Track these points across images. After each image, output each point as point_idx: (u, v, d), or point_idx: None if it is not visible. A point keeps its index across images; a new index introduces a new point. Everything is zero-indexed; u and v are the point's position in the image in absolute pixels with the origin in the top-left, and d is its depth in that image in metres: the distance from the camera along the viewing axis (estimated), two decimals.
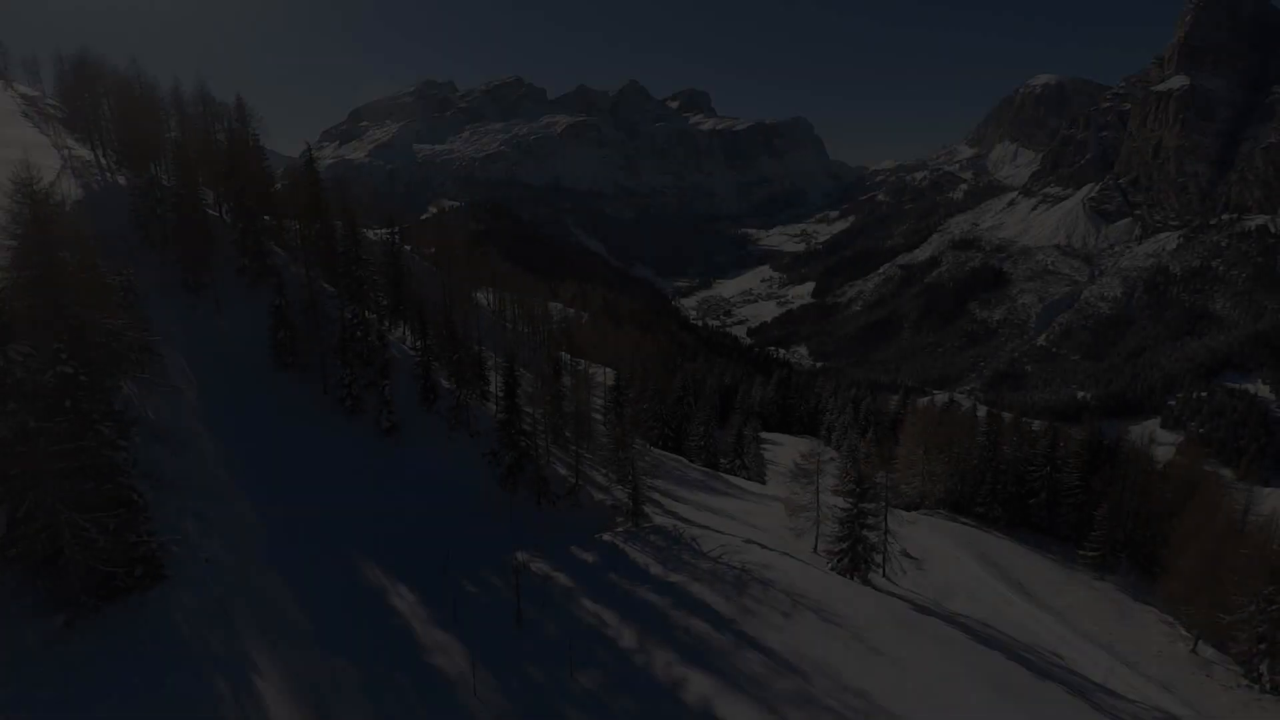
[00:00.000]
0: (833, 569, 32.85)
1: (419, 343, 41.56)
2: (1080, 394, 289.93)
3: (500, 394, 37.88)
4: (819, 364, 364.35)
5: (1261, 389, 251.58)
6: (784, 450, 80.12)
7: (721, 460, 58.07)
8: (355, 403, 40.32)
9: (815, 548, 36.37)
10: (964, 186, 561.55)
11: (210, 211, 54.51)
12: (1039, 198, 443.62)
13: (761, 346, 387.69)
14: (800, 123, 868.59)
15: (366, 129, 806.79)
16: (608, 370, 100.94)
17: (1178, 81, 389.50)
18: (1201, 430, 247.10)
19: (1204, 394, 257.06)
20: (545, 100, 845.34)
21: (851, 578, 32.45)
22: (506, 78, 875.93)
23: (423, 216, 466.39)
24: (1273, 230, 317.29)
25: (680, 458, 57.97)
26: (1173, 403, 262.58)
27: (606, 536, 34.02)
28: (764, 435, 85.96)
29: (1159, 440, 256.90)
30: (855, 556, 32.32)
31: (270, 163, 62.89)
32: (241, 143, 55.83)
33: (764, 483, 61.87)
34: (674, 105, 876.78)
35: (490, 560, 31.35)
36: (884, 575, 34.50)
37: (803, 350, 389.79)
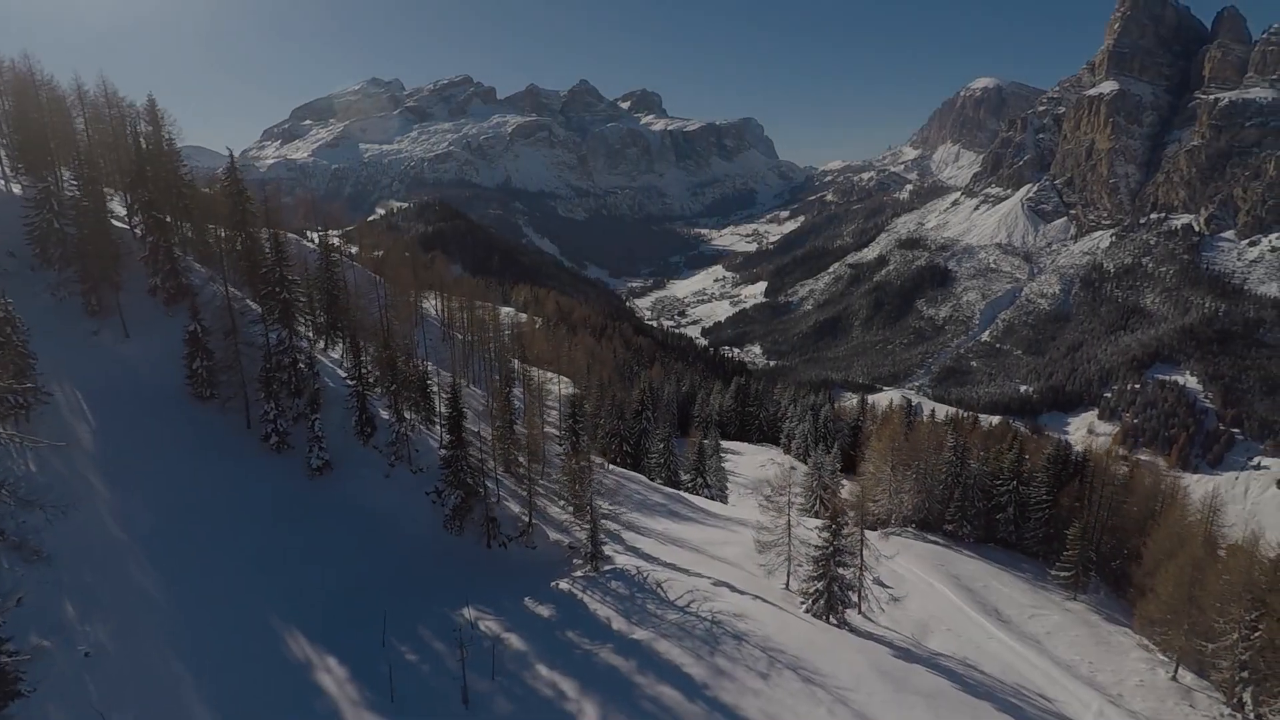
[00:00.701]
0: (808, 611, 30.74)
1: (354, 369, 37.66)
2: (1023, 388, 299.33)
3: (445, 421, 34.55)
4: (773, 362, 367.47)
5: (1189, 380, 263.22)
6: (744, 460, 78.56)
7: (683, 478, 55.81)
8: (282, 439, 36.37)
9: (787, 584, 34.25)
10: (909, 187, 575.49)
11: (119, 224, 49.35)
12: (981, 198, 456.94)
13: (716, 346, 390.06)
14: (750, 124, 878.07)
15: (310, 128, 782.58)
16: (562, 379, 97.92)
17: (1107, 86, 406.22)
18: (1135, 420, 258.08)
19: (1137, 386, 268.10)
20: (495, 100, 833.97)
21: (828, 620, 30.41)
22: (455, 77, 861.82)
23: (370, 218, 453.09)
24: (1196, 229, 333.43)
25: (641, 476, 55.48)
26: (1109, 395, 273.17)
27: (564, 584, 31.14)
28: (724, 445, 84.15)
29: (1096, 431, 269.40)
30: (831, 597, 30.28)
31: (203, 166, 57.75)
32: (154, 146, 50.68)
33: (726, 499, 59.90)
34: (625, 106, 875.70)
35: (434, 617, 28.18)
36: (861, 613, 32.63)
37: (756, 349, 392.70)
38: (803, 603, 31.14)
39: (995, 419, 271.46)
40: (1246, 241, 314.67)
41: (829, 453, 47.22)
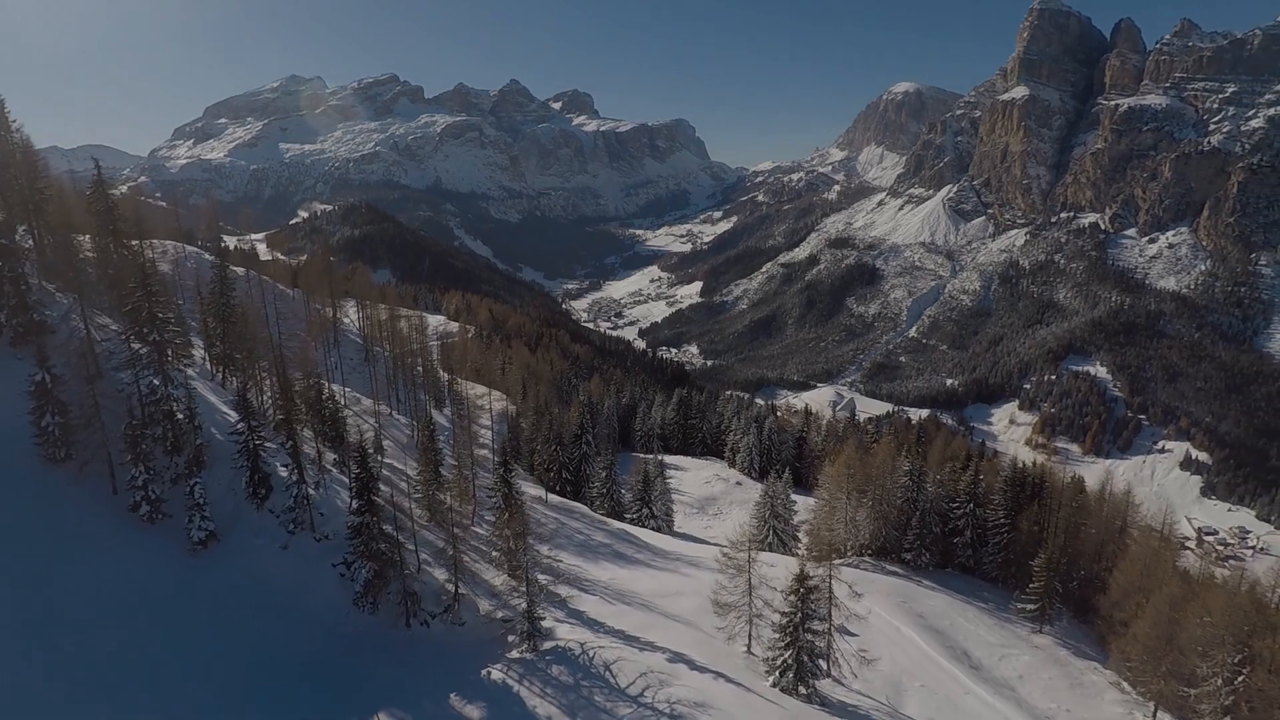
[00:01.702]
0: (775, 685, 27.50)
1: (244, 418, 32.08)
2: (949, 381, 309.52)
3: (354, 483, 29.67)
4: (710, 362, 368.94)
5: (1100, 370, 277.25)
6: (688, 476, 75.52)
7: (627, 508, 52.06)
8: (156, 508, 30.62)
9: (749, 647, 30.94)
10: (837, 188, 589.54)
11: None
12: (905, 198, 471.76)
13: (654, 348, 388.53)
14: (682, 125, 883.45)
15: (226, 126, 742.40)
16: (495, 395, 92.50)
17: (1019, 91, 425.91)
18: (1053, 410, 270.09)
19: (1053, 377, 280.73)
20: (423, 99, 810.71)
21: (798, 693, 27.25)
22: (380, 75, 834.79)
23: (293, 221, 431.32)
24: (1102, 227, 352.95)
25: (582, 507, 51.50)
26: (1028, 386, 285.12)
27: (496, 673, 26.80)
28: (667, 461, 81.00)
29: (1018, 421, 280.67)
30: (800, 667, 27.13)
31: (108, 166, 50.08)
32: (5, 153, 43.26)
33: (672, 523, 56.47)
34: (557, 106, 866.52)
35: None
36: (832, 677, 29.70)
37: (694, 349, 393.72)
38: (769, 673, 27.92)
39: (924, 413, 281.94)
40: (1146, 239, 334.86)
41: (780, 477, 44.53)
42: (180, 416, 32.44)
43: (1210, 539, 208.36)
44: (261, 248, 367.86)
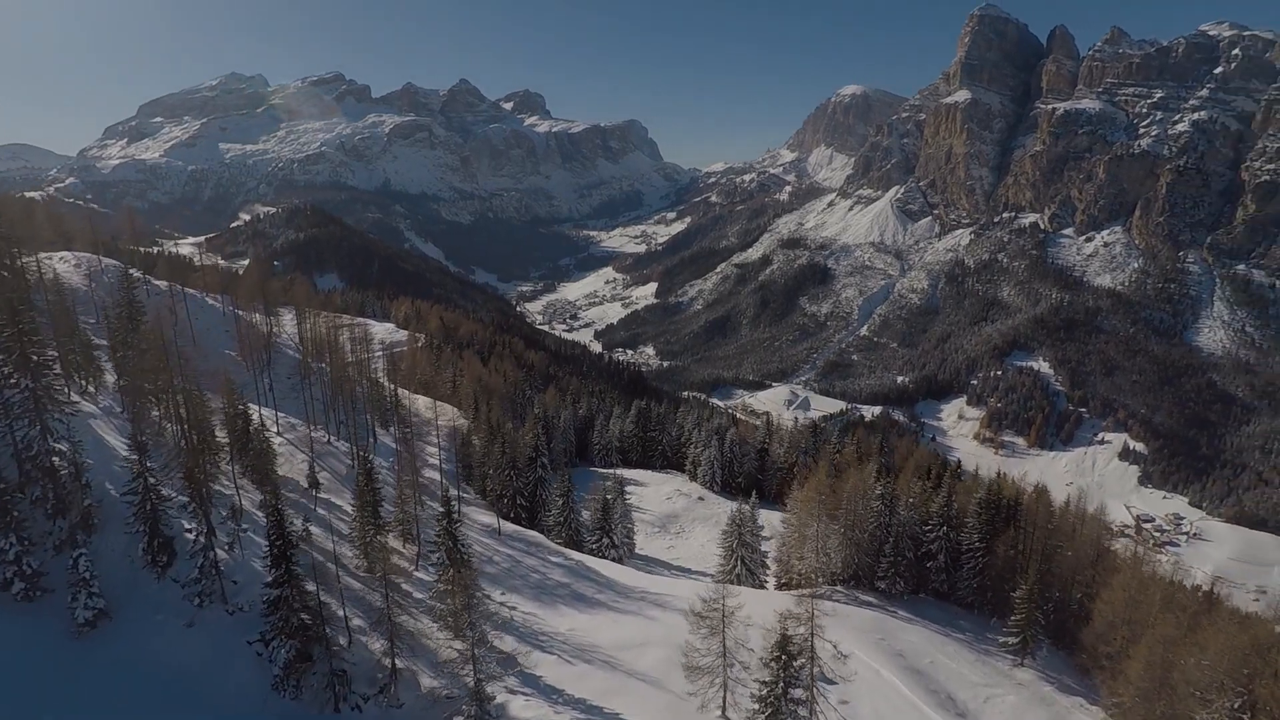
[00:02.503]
0: None
1: (140, 473, 27.62)
2: (900, 379, 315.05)
3: (270, 549, 25.68)
4: (666, 363, 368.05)
5: (1043, 365, 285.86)
6: (649, 492, 72.76)
7: (586, 537, 48.77)
8: (33, 584, 26.10)
9: (724, 712, 28.17)
10: (788, 188, 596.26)
11: None
12: (854, 199, 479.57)
13: (610, 349, 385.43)
14: (635, 126, 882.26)
15: (162, 125, 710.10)
16: (444, 407, 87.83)
17: (961, 95, 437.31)
18: (999, 405, 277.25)
19: (999, 372, 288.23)
20: (370, 99, 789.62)
21: None
22: (325, 74, 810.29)
23: (233, 224, 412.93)
24: (1042, 227, 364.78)
25: (538, 536, 48.08)
26: (975, 382, 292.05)
27: None
28: (626, 476, 78.10)
29: (966, 416, 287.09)
30: None
31: (32, 166, 44.05)
32: None
33: (634, 548, 53.50)
34: (508, 106, 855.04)
35: None
36: None
37: (650, 350, 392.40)
38: None
39: (877, 410, 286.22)
40: (1084, 238, 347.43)
41: (747, 501, 42.06)
42: (64, 472, 27.88)
43: (1148, 526, 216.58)
44: (200, 252, 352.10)
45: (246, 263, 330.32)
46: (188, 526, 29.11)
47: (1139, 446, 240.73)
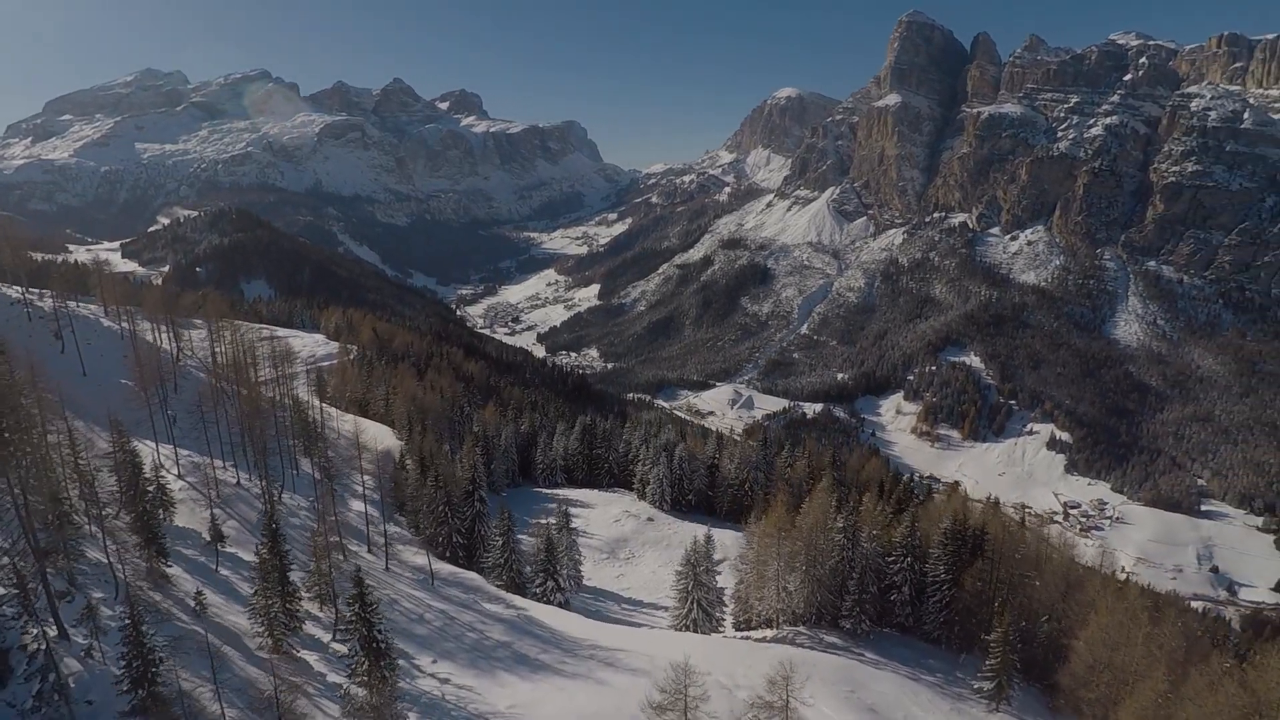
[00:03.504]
0: None
1: None
2: (840, 376, 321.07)
3: (129, 666, 20.78)
4: (610, 365, 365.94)
5: (974, 360, 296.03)
6: (596, 514, 70.10)
7: (529, 579, 45.13)
8: None
9: None
10: (728, 189, 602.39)
11: None
12: (792, 199, 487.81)
13: (554, 352, 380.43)
14: (574, 126, 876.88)
15: (71, 124, 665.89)
16: (376, 430, 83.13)
17: (891, 99, 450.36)
18: (935, 399, 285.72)
19: (933, 368, 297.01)
20: (298, 97, 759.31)
21: None
22: (250, 71, 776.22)
23: (151, 228, 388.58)
24: (970, 226, 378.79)
25: (477, 579, 44.93)
26: (911, 377, 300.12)
27: None
28: (571, 497, 75.41)
29: (904, 411, 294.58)
30: None
31: None
32: None
33: (580, 580, 50.79)
34: (444, 106, 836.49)
35: None
36: None
37: (594, 352, 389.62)
38: None
39: (818, 407, 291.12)
40: (1009, 236, 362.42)
41: (707, 540, 40.00)
42: None
43: (1074, 512, 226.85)
44: (115, 258, 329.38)
45: (167, 269, 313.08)
46: (34, 629, 23.27)
47: (1065, 436, 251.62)
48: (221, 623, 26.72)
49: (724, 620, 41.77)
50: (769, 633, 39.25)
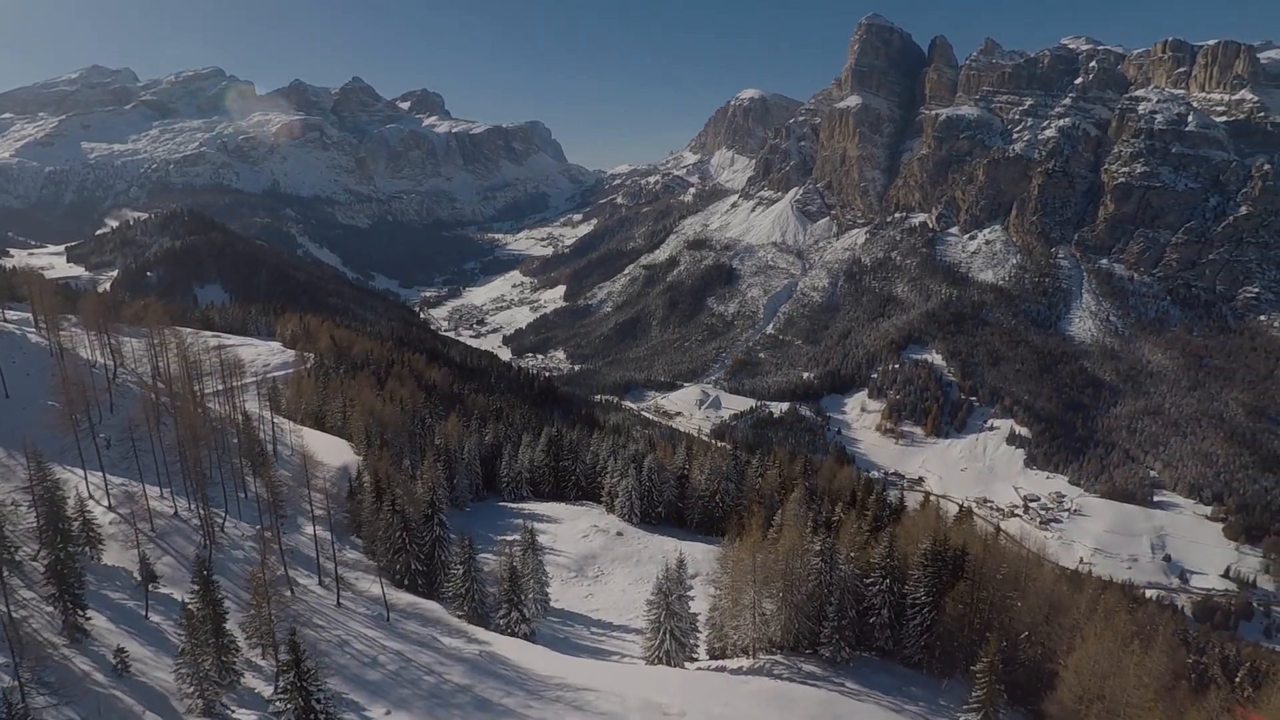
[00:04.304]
0: None
1: None
2: (805, 375, 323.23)
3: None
4: (577, 367, 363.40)
5: (936, 358, 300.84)
6: (563, 530, 67.98)
7: (492, 609, 42.53)
8: None
9: None
10: (693, 190, 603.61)
11: None
12: (756, 200, 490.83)
13: (520, 354, 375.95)
14: (538, 127, 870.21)
15: (11, 122, 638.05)
16: (334, 444, 79.76)
17: (853, 100, 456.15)
18: (898, 397, 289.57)
19: (897, 366, 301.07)
20: (254, 96, 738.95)
21: None
22: (203, 69, 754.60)
23: (99, 231, 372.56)
24: (930, 226, 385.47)
25: (437, 609, 42.53)
26: (875, 375, 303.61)
27: None
28: (537, 512, 73.31)
29: (868, 408, 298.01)
30: None
31: None
32: None
33: (548, 603, 48.59)
34: (405, 106, 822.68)
35: None
36: None
37: (560, 354, 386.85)
38: None
39: (785, 406, 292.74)
40: (968, 236, 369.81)
41: (679, 564, 38.16)
42: None
43: (1034, 505, 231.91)
44: (60, 262, 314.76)
45: (115, 274, 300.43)
46: None
47: (1024, 431, 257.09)
48: (147, 681, 24.20)
49: (698, 647, 40.23)
50: (745, 662, 37.71)
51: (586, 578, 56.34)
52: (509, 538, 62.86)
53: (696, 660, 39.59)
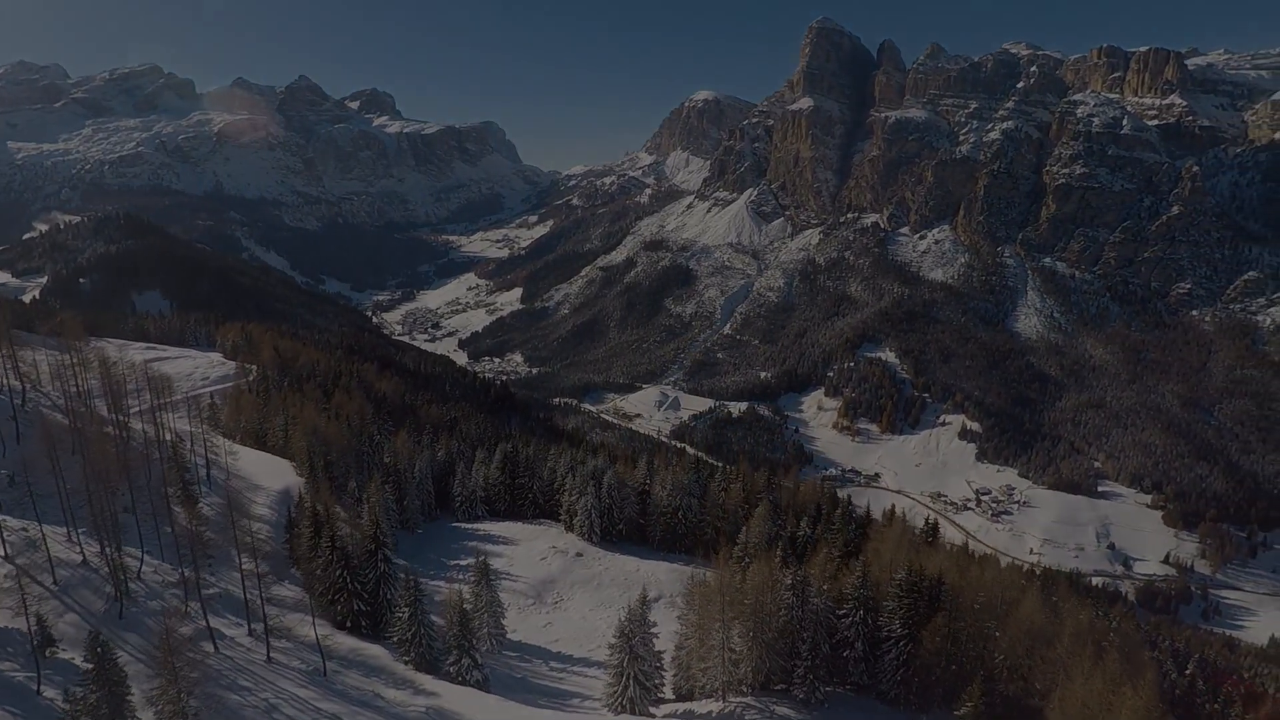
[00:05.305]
0: None
1: None
2: (763, 374, 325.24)
3: None
4: (535, 370, 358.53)
5: (889, 355, 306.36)
6: (520, 552, 65.09)
7: (441, 655, 39.44)
8: None
9: None
10: (649, 191, 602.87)
11: None
12: (712, 201, 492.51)
13: (476, 358, 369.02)
14: (492, 127, 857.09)
15: None
16: (275, 465, 75.58)
17: (805, 102, 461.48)
18: (854, 394, 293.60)
19: (852, 364, 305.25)
20: (195, 94, 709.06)
21: None
22: (139, 65, 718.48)
23: (27, 235, 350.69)
24: (881, 226, 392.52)
25: (382, 654, 39.43)
26: (831, 374, 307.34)
27: None
28: (492, 533, 70.42)
29: (825, 406, 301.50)
30: None
31: None
32: None
33: (504, 635, 45.96)
34: (355, 106, 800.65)
35: None
36: None
37: (518, 358, 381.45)
38: None
39: (743, 405, 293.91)
40: (918, 236, 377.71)
41: (643, 602, 35.92)
42: None
43: (985, 498, 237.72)
44: None
45: (45, 281, 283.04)
46: None
47: (974, 426, 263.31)
48: None
49: (663, 686, 38.18)
50: (714, 706, 35.80)
51: (545, 605, 53.83)
52: (463, 562, 60.07)
53: (663, 703, 37.58)
